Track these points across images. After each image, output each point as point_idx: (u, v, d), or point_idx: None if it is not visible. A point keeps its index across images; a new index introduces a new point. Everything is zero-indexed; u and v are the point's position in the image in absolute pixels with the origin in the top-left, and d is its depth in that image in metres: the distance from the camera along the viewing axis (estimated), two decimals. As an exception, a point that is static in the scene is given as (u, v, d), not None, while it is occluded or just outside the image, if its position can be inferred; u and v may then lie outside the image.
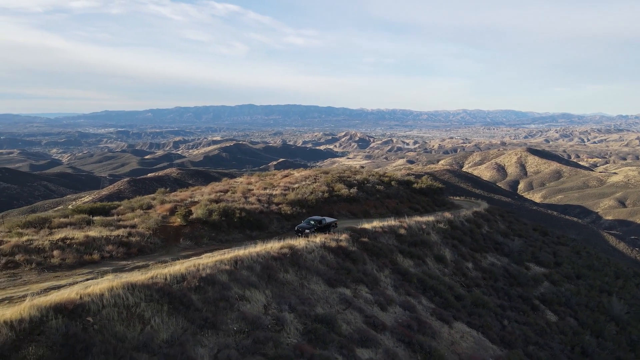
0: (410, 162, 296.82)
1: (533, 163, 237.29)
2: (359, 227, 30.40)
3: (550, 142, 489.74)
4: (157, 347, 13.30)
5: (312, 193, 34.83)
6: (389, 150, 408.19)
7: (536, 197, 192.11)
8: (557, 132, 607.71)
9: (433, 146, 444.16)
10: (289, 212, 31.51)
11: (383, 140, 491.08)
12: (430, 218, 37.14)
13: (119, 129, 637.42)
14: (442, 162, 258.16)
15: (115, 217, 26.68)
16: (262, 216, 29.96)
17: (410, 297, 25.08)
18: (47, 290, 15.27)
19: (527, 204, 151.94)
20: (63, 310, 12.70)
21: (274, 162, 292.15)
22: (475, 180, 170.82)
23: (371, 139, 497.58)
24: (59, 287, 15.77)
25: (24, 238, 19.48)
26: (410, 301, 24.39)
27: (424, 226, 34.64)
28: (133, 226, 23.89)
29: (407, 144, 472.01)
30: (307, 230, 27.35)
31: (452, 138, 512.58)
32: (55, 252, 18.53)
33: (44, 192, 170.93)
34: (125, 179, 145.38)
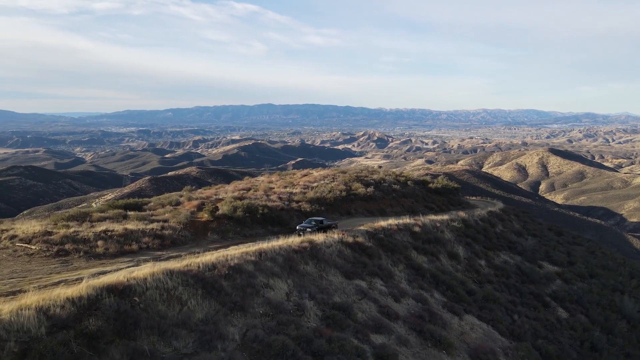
0: (429, 162, 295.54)
1: (555, 164, 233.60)
2: (375, 224, 31.86)
3: (574, 143, 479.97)
4: (194, 324, 15.11)
5: (330, 191, 36.45)
6: (408, 150, 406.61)
7: (558, 198, 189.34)
8: (580, 132, 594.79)
9: (452, 146, 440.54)
10: (308, 209, 33.20)
11: (401, 140, 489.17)
12: (445, 217, 38.32)
13: (140, 128, 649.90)
14: (461, 162, 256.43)
15: (147, 212, 28.80)
16: (283, 213, 31.73)
17: (423, 290, 26.46)
18: (95, 275, 17.24)
19: (549, 205, 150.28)
20: (114, 290, 14.61)
21: (292, 162, 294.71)
22: (495, 181, 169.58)
23: (389, 139, 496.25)
24: (105, 273, 17.74)
25: (71, 230, 21.64)
26: (422, 294, 25.77)
27: (438, 224, 35.86)
28: (165, 221, 25.92)
29: (426, 144, 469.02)
30: (308, 229, 28.15)
31: (471, 138, 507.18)
32: (100, 243, 20.59)
33: (68, 189, 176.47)
34: (147, 178, 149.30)
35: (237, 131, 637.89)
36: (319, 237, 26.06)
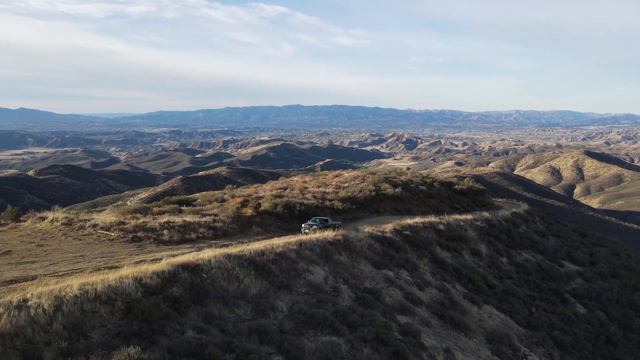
0: (459, 164, 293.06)
1: (591, 167, 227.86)
2: (402, 222, 34.51)
3: (611, 145, 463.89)
4: (250, 298, 18.35)
5: (360, 191, 39.31)
6: (437, 152, 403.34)
7: (593, 202, 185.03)
8: (619, 134, 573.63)
9: (483, 148, 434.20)
10: (340, 207, 36.20)
11: (431, 141, 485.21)
12: (469, 216, 40.52)
13: (172, 129, 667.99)
14: (492, 164, 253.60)
15: (198, 207, 32.48)
16: (317, 210, 34.83)
17: (445, 282, 29.00)
18: (167, 257, 20.76)
19: (583, 210, 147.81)
20: (187, 267, 18.01)
21: (320, 163, 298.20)
22: (527, 184, 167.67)
23: (418, 140, 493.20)
24: (174, 255, 21.23)
25: (140, 220, 25.36)
26: (445, 285, 28.32)
27: (462, 223, 38.16)
28: (215, 215, 29.44)
29: (456, 146, 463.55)
30: (314, 227, 29.52)
31: (503, 140, 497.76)
32: (165, 232, 24.21)
33: (104, 188, 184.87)
34: (178, 177, 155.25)
35: (266, 132, 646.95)
36: (351, 232, 28.97)
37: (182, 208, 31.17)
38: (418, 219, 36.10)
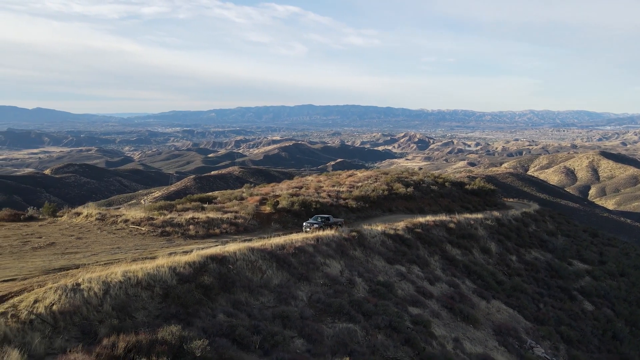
0: (472, 164, 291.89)
1: (607, 167, 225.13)
2: (413, 220, 35.78)
3: (628, 145, 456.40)
4: (272, 287, 19.89)
5: (373, 190, 40.66)
6: (449, 152, 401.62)
7: (609, 203, 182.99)
8: (636, 135, 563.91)
9: (496, 148, 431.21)
10: (354, 206, 37.60)
11: (443, 141, 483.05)
12: (479, 215, 41.59)
13: (185, 128, 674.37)
14: (505, 164, 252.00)
15: (218, 205, 34.16)
16: (332, 208, 36.27)
17: (455, 278, 30.22)
18: (195, 249, 22.39)
19: (598, 211, 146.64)
20: (215, 259, 19.61)
21: (332, 162, 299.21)
22: (541, 185, 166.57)
23: (431, 140, 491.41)
24: (201, 249, 22.87)
25: (167, 216, 27.10)
26: (455, 280, 29.56)
27: (472, 222, 39.27)
28: (236, 212, 31.06)
29: (469, 146, 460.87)
30: (315, 225, 29.67)
31: (517, 140, 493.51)
32: (191, 227, 25.88)
33: (118, 187, 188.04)
34: (191, 177, 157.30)
35: (278, 132, 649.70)
36: (365, 228, 30.37)
37: (204, 205, 32.89)
38: (429, 218, 37.32)
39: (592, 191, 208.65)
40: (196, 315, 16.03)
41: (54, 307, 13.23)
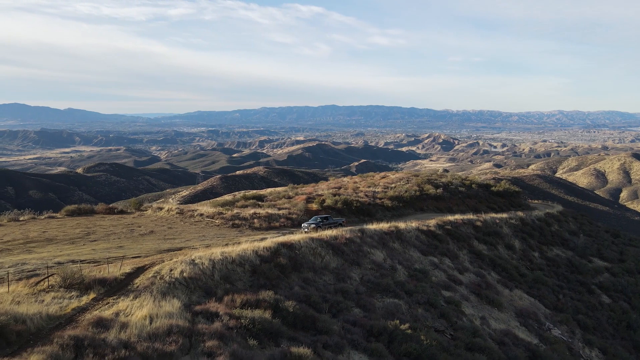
0: (497, 165, 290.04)
1: (639, 169, 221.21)
2: (443, 218, 39.68)
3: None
4: (331, 270, 24.36)
5: (406, 191, 44.72)
6: (475, 154, 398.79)
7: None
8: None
9: (523, 149, 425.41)
10: (389, 205, 41.78)
11: (468, 142, 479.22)
12: (504, 215, 45.09)
13: (210, 128, 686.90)
14: (532, 166, 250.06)
15: (271, 202, 38.93)
16: (370, 207, 40.55)
17: (481, 269, 34.07)
18: (262, 239, 27.08)
19: (629, 214, 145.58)
20: (285, 245, 24.21)
21: (356, 163, 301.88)
22: (569, 187, 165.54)
23: (455, 141, 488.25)
24: (266, 238, 27.54)
25: (234, 212, 31.92)
26: (481, 271, 33.41)
27: (497, 221, 42.87)
28: (288, 208, 35.71)
29: (495, 147, 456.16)
30: (312, 225, 31.08)
31: (545, 141, 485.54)
32: (255, 220, 30.61)
33: (146, 185, 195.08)
34: (218, 176, 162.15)
35: (302, 132, 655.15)
36: (401, 225, 34.52)
37: (260, 203, 37.70)
38: (458, 216, 41.13)
39: (624, 194, 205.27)
40: (278, 287, 20.62)
41: (184, 274, 18.01)
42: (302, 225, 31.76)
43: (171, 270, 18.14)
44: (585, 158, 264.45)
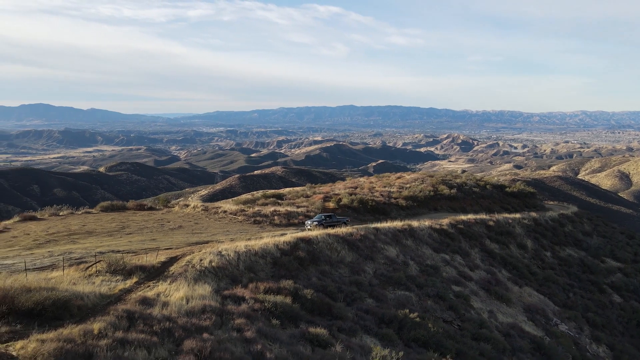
0: (518, 167, 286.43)
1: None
2: (456, 218, 40.89)
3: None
4: (346, 263, 26.04)
5: (421, 191, 46.04)
6: (494, 154, 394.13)
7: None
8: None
9: (545, 150, 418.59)
10: (404, 204, 43.19)
11: (488, 143, 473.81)
12: (517, 215, 45.98)
13: (228, 128, 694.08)
14: (553, 167, 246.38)
15: (290, 200, 40.78)
16: (385, 206, 42.04)
17: (492, 267, 35.24)
18: (282, 234, 28.91)
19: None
20: (304, 240, 26.00)
21: (373, 164, 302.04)
22: (591, 189, 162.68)
23: (475, 142, 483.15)
24: (286, 234, 29.37)
25: (256, 209, 33.89)
26: (492, 269, 34.60)
27: (510, 221, 43.83)
28: (306, 206, 37.52)
29: (515, 148, 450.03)
30: (315, 222, 31.95)
31: (567, 142, 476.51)
32: (276, 217, 32.51)
33: (166, 184, 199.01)
34: (236, 176, 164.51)
35: (319, 132, 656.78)
36: (414, 223, 35.93)
37: (279, 201, 39.63)
38: (471, 216, 42.27)
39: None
40: (297, 277, 22.39)
41: (213, 264, 19.95)
42: (306, 222, 32.23)
43: (201, 260, 20.11)
44: (609, 159, 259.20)
